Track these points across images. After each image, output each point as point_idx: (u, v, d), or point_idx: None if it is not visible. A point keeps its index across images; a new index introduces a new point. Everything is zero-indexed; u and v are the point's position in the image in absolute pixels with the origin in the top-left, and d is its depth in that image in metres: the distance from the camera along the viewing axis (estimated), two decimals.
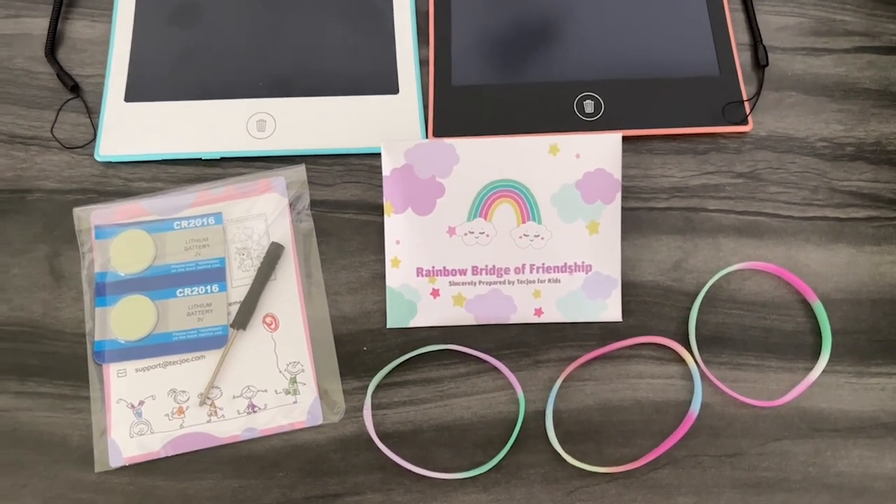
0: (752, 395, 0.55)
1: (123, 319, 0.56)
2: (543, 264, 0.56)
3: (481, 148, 0.55)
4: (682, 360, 0.56)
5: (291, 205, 0.59)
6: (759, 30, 0.64)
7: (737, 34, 0.64)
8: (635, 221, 0.59)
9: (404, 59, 0.63)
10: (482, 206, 0.56)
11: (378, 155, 0.61)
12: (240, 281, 0.57)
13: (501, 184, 0.55)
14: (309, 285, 0.57)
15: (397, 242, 0.56)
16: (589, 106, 0.61)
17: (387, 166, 0.55)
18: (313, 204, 0.60)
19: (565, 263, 0.56)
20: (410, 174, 0.55)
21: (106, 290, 0.57)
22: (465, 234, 0.56)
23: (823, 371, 0.55)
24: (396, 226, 0.56)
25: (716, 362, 0.56)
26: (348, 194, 0.60)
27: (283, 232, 0.58)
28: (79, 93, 0.62)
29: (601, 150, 0.55)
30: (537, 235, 0.56)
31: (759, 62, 0.63)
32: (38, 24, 0.64)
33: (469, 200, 0.56)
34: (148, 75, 0.62)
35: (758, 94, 0.62)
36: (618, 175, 0.56)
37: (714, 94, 0.62)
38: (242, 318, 0.56)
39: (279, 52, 0.62)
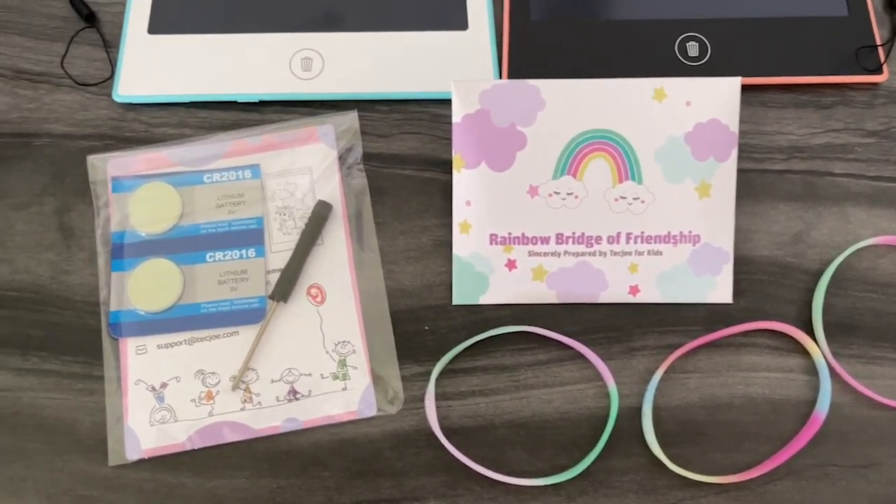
0: (890, 395, 0.46)
1: (144, 287, 0.48)
2: (643, 233, 0.47)
3: (572, 91, 0.46)
4: (804, 351, 0.47)
5: (341, 158, 0.50)
6: None
7: None
8: (748, 185, 0.50)
9: None
10: (571, 161, 0.47)
11: (443, 102, 0.52)
12: (280, 245, 0.49)
13: (595, 134, 0.46)
14: (361, 252, 0.49)
15: (467, 203, 0.48)
16: (693, 48, 0.52)
17: (457, 111, 0.47)
18: (367, 157, 0.51)
19: (669, 233, 0.47)
20: (486, 121, 0.47)
21: (124, 252, 0.49)
22: (550, 195, 0.47)
23: None
24: (467, 183, 0.47)
25: (845, 354, 0.47)
26: (407, 147, 0.51)
27: (331, 189, 0.50)
28: (94, 22, 0.54)
29: (716, 96, 0.46)
30: (637, 198, 0.47)
31: (893, 3, 0.53)
32: None
33: (555, 154, 0.47)
34: (176, 3, 0.53)
35: (893, 37, 0.53)
36: (734, 127, 0.46)
37: (840, 38, 0.52)
38: (283, 289, 0.47)
39: None
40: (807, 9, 0.53)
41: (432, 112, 0.52)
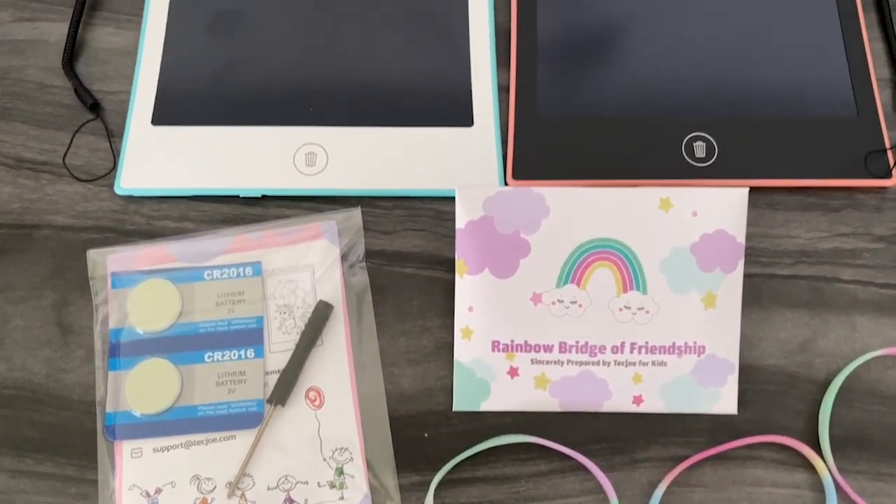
0: None
1: (141, 387, 0.47)
2: (647, 343, 0.46)
3: (577, 199, 0.46)
4: (810, 466, 0.46)
5: (343, 255, 0.50)
6: None
7: (877, 68, 0.54)
8: (754, 291, 0.50)
9: (481, 84, 0.53)
10: (575, 269, 0.46)
11: (447, 199, 0.51)
12: (280, 345, 0.48)
13: (600, 243, 0.46)
14: (361, 354, 0.48)
15: (470, 309, 0.47)
16: (700, 149, 0.52)
17: (461, 217, 0.46)
18: (369, 255, 0.51)
19: (674, 343, 0.47)
20: (490, 228, 0.46)
21: (121, 351, 0.48)
22: (553, 303, 0.47)
23: None
24: (470, 289, 0.47)
25: (853, 470, 0.46)
26: (410, 245, 0.51)
27: (332, 288, 0.49)
28: (99, 112, 0.53)
29: (723, 207, 0.46)
30: (641, 308, 0.46)
31: None
32: (57, 30, 0.55)
33: (559, 262, 0.46)
34: (180, 94, 0.53)
35: None
36: (741, 238, 0.46)
37: (850, 140, 0.52)
38: (282, 392, 0.47)
39: (334, 72, 0.53)
40: (816, 110, 0.52)
41: (436, 209, 0.51)
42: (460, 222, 0.46)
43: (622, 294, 0.46)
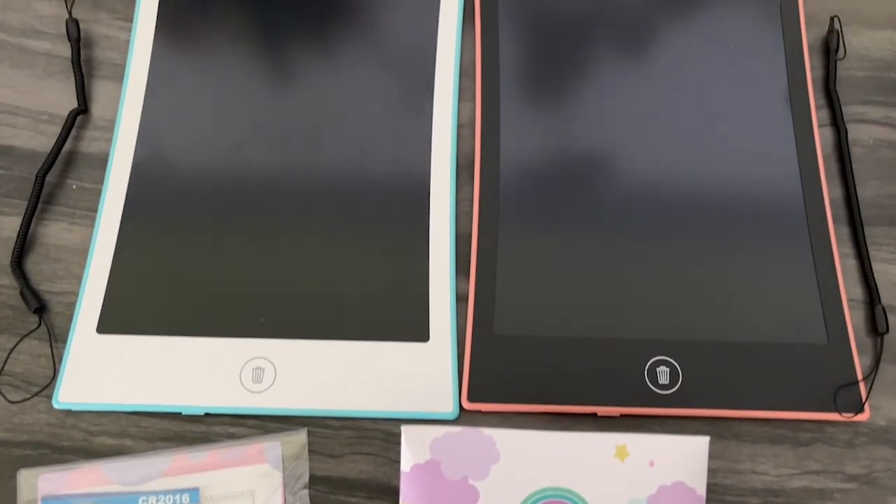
0: None
1: None
2: None
3: (528, 443, 0.43)
4: None
5: (286, 482, 0.48)
6: (876, 284, 0.52)
7: (848, 287, 0.52)
8: None
9: (439, 294, 0.51)
10: None
11: (399, 421, 0.50)
12: None
13: (553, 493, 0.43)
14: None
15: None
16: (663, 375, 0.50)
17: (407, 460, 0.44)
18: (313, 480, 0.48)
19: None
20: (436, 473, 0.44)
21: None
22: None
23: None
24: None
25: None
26: (357, 470, 0.48)
27: None
28: (44, 314, 0.52)
29: (682, 457, 0.43)
30: None
31: (877, 328, 0.51)
32: (9, 224, 0.54)
33: None
34: (128, 299, 0.51)
35: (875, 370, 0.50)
36: (702, 490, 0.43)
37: (820, 368, 0.49)
38: None
39: (286, 282, 0.51)
40: (783, 335, 0.50)
41: (387, 430, 0.49)
42: (405, 465, 0.44)
43: None
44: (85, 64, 0.58)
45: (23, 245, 0.53)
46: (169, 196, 0.54)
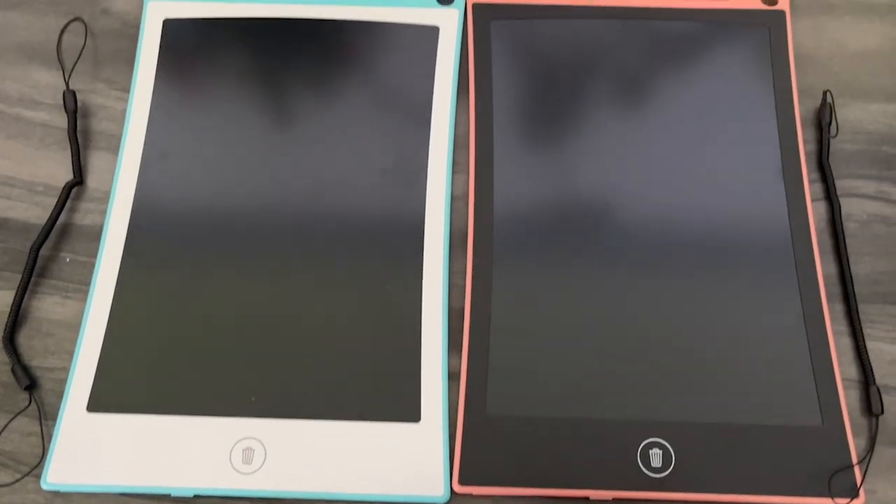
0: None
1: None
2: None
3: None
4: None
5: None
6: (870, 364, 0.52)
7: (842, 367, 0.52)
8: None
9: (430, 373, 0.51)
10: None
11: None
12: None
13: None
14: None
15: None
16: (656, 457, 0.49)
17: None
18: None
19: None
20: None
21: None
22: None
23: None
24: None
25: None
26: None
27: None
28: (33, 393, 0.51)
29: None
30: None
31: (872, 409, 0.51)
32: (1, 299, 0.54)
33: None
34: (119, 376, 0.51)
35: (870, 453, 0.50)
36: None
37: (815, 451, 0.49)
38: None
39: (278, 358, 0.51)
40: (778, 417, 0.50)
41: None
42: None
43: None
44: (81, 135, 0.59)
45: (15, 320, 0.53)
46: (161, 271, 0.54)
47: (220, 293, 0.54)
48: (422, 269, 0.54)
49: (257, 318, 0.53)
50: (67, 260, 0.56)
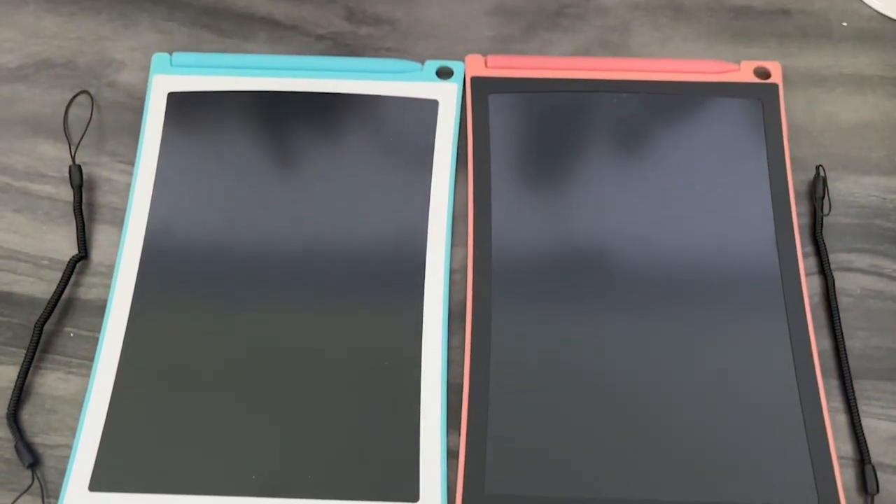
0: None
1: None
2: None
3: None
4: None
5: None
6: (865, 441, 0.52)
7: (838, 444, 0.52)
8: None
9: (429, 450, 0.52)
10: None
11: None
12: None
13: None
14: None
15: None
16: None
17: None
18: None
19: None
20: None
21: None
22: None
23: None
24: None
25: None
26: None
27: None
28: (36, 470, 0.52)
29: None
30: None
31: (867, 488, 0.51)
32: (5, 374, 0.54)
33: None
34: (121, 455, 0.51)
35: None
36: None
37: None
38: None
39: (279, 437, 0.52)
40: (775, 496, 0.50)
41: None
42: None
43: None
44: (86, 208, 0.60)
45: (19, 397, 0.54)
46: (165, 349, 0.55)
47: (222, 373, 0.54)
48: (421, 345, 0.55)
49: (259, 397, 0.53)
50: (71, 335, 0.56)
